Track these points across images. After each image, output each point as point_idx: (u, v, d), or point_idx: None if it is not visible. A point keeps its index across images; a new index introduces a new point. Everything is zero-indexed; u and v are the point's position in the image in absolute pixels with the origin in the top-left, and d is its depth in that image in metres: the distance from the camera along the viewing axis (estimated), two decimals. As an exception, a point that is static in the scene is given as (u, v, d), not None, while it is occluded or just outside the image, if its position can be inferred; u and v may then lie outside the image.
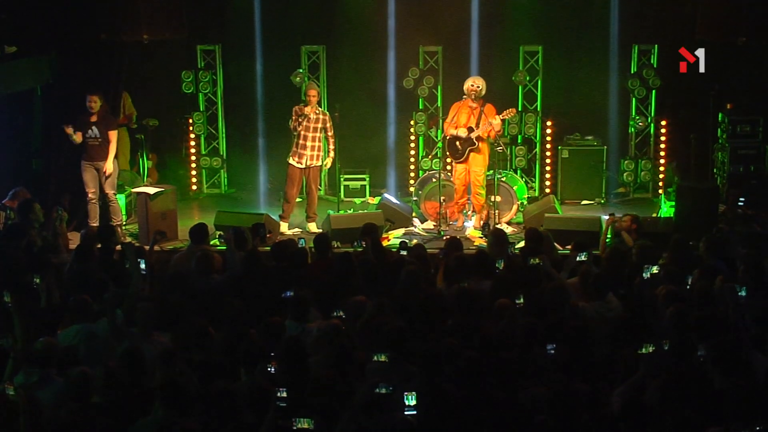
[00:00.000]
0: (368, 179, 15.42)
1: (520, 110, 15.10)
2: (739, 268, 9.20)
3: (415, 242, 11.16)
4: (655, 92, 15.05)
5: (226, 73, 15.85)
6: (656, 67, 14.91)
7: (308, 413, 6.33)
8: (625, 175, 15.25)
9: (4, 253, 10.09)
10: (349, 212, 13.83)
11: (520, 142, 15.30)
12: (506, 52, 15.28)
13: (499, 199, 13.29)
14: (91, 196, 12.97)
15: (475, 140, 12.96)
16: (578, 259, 9.37)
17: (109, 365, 7.26)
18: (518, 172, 15.10)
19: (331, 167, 14.03)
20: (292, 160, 13.41)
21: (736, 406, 6.51)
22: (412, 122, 15.43)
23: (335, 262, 9.91)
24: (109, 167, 12.85)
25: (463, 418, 6.61)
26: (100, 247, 10.50)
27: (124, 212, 13.57)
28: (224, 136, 16.07)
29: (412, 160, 15.69)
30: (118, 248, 10.68)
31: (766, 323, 8.14)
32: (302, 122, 13.12)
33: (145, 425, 6.64)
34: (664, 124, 15.22)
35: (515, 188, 13.71)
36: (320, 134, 13.26)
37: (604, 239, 11.39)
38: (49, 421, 6.75)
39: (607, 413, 6.72)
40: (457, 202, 13.45)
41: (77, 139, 12.71)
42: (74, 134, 12.68)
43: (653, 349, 7.03)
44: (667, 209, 13.61)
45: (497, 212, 13.22)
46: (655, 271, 8.84)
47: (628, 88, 15.04)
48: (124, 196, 13.75)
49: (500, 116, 12.96)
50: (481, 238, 12.86)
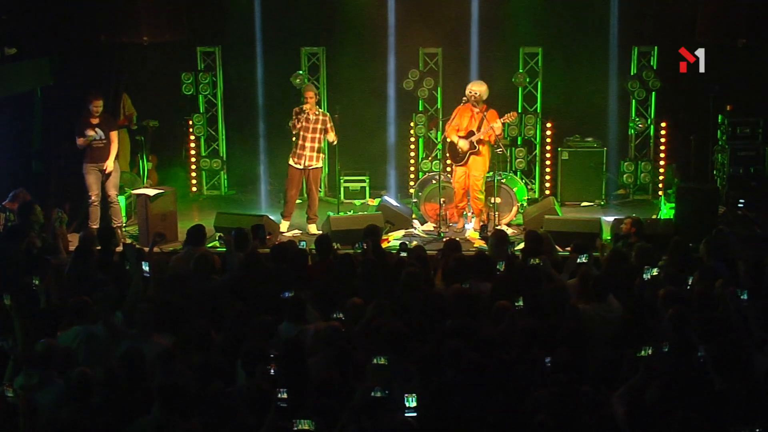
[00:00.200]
0: (368, 181, 15.41)
1: (519, 112, 15.08)
2: (740, 269, 9.18)
3: (414, 244, 11.12)
4: (654, 94, 15.05)
5: (226, 74, 15.84)
6: (656, 68, 14.90)
7: (309, 414, 6.29)
8: (625, 176, 15.24)
9: (4, 254, 10.07)
10: (349, 214, 13.82)
11: (520, 143, 15.30)
12: (506, 53, 15.27)
13: (499, 200, 13.28)
14: (93, 198, 12.98)
15: (476, 144, 12.97)
16: (578, 260, 9.34)
17: (109, 366, 7.21)
18: (518, 173, 15.08)
19: (331, 169, 13.91)
20: (291, 160, 13.40)
21: (736, 407, 6.48)
22: (412, 124, 15.42)
23: (336, 263, 9.88)
24: (110, 165, 12.92)
25: (463, 419, 6.56)
26: (99, 248, 10.41)
27: (123, 214, 13.56)
28: (224, 137, 16.06)
29: (412, 161, 15.67)
30: (118, 250, 10.65)
31: (767, 325, 8.08)
32: (301, 120, 13.10)
33: (142, 425, 6.63)
34: (663, 125, 15.20)
35: (515, 190, 13.70)
36: (320, 135, 13.22)
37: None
38: (47, 422, 6.71)
39: (607, 415, 6.65)
40: (456, 205, 13.44)
41: (90, 136, 12.74)
42: (90, 134, 12.75)
43: (652, 351, 6.95)
44: (666, 211, 13.60)
45: (497, 214, 13.21)
46: (655, 273, 8.80)
47: (627, 89, 15.03)
48: (124, 197, 13.73)
49: (501, 120, 12.95)
50: (480, 239, 12.85)
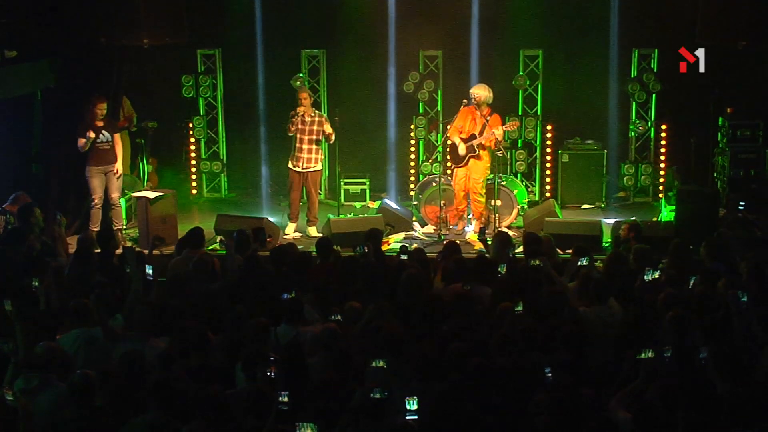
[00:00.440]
0: (368, 183, 15.38)
1: (520, 114, 15.11)
2: (742, 272, 9.17)
3: (415, 246, 11.12)
4: (655, 96, 15.04)
5: (226, 77, 15.84)
6: (656, 71, 14.90)
7: (310, 418, 6.26)
8: (625, 179, 15.23)
9: (4, 257, 10.06)
10: (349, 216, 13.83)
11: (520, 146, 15.30)
12: (506, 56, 15.28)
13: (499, 203, 13.26)
14: (96, 201, 12.98)
15: (476, 147, 12.98)
16: (579, 263, 9.31)
17: (108, 369, 7.21)
18: (518, 176, 15.07)
19: (331, 171, 13.85)
20: (290, 163, 13.42)
21: (737, 409, 6.45)
22: (412, 126, 15.41)
23: (337, 266, 9.86)
24: (120, 168, 13.02)
25: (465, 422, 6.52)
26: (99, 251, 10.43)
27: (124, 216, 13.54)
28: (224, 140, 16.06)
29: (412, 164, 15.65)
30: (118, 252, 10.61)
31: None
32: (296, 122, 13.09)
33: (136, 425, 6.58)
34: (664, 128, 15.20)
35: (515, 192, 13.68)
36: (316, 136, 13.20)
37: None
38: (46, 426, 6.70)
39: (608, 418, 6.63)
40: (456, 207, 13.43)
41: (90, 138, 12.75)
42: (90, 136, 12.75)
43: (652, 354, 6.93)
44: (667, 213, 13.58)
45: (497, 216, 13.19)
46: (657, 275, 8.81)
47: (628, 92, 15.03)
48: (124, 200, 13.70)
49: (503, 127, 12.97)
50: (478, 242, 12.80)
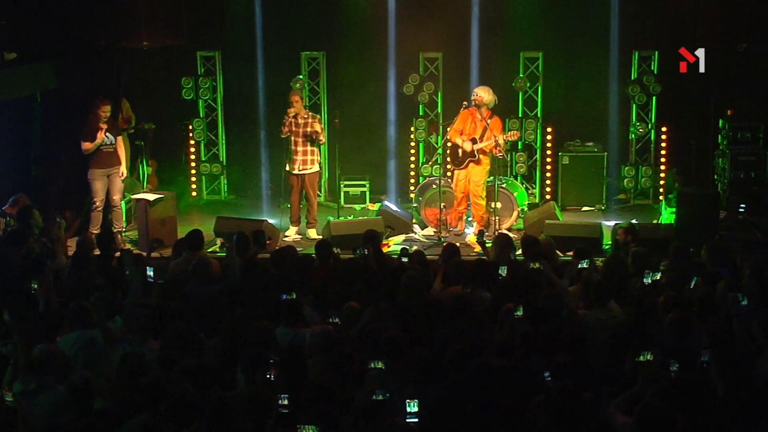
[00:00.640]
0: (368, 185, 15.36)
1: (520, 116, 15.11)
2: (744, 274, 9.12)
3: (415, 249, 11.09)
4: (655, 98, 15.01)
5: (226, 79, 15.83)
6: (656, 73, 14.88)
7: (311, 420, 6.22)
8: (625, 181, 15.20)
9: (3, 259, 10.03)
10: (349, 218, 13.79)
11: (520, 148, 15.26)
12: (506, 58, 15.24)
13: (499, 205, 13.24)
14: (98, 204, 12.94)
15: (476, 153, 12.96)
16: (579, 266, 9.27)
17: (108, 371, 7.19)
18: (518, 178, 15.04)
19: (331, 173, 13.76)
20: (287, 167, 13.43)
21: (738, 412, 6.41)
22: (412, 128, 15.38)
23: (337, 268, 9.84)
24: (125, 171, 13.03)
25: (465, 425, 6.50)
26: (98, 253, 10.45)
27: (123, 219, 13.49)
28: (224, 142, 16.05)
29: (412, 166, 15.63)
30: (117, 255, 10.57)
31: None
32: (287, 125, 13.07)
33: (130, 428, 6.53)
34: (664, 130, 15.17)
35: (515, 195, 13.66)
36: (311, 138, 13.18)
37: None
38: (44, 429, 6.67)
39: (607, 421, 6.61)
40: (456, 209, 13.41)
41: (100, 140, 12.73)
42: (101, 139, 12.74)
43: (651, 357, 6.89)
44: (667, 216, 13.55)
45: (498, 219, 13.17)
46: (658, 277, 8.81)
47: (628, 94, 15.01)
48: (123, 202, 13.60)
49: (504, 137, 12.96)
50: (477, 244, 12.77)
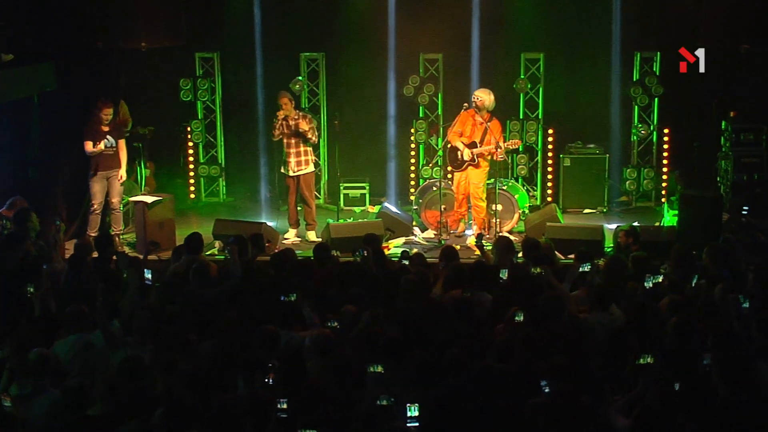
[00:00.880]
0: (368, 188, 15.31)
1: (521, 118, 15.09)
2: (748, 277, 9.12)
3: (415, 251, 11.06)
4: (657, 100, 14.98)
5: (224, 80, 15.82)
6: (659, 74, 14.85)
7: (312, 425, 6.24)
8: (627, 183, 15.17)
9: (0, 262, 9.98)
10: (348, 221, 13.78)
11: (521, 150, 15.15)
12: (507, 59, 15.22)
13: (500, 207, 13.20)
14: (96, 206, 12.96)
15: (476, 157, 12.95)
16: (581, 269, 9.19)
17: (107, 375, 7.12)
18: (520, 180, 14.99)
19: (330, 176, 13.73)
20: (283, 169, 13.40)
21: (740, 416, 6.40)
22: (412, 130, 15.35)
23: (336, 271, 9.80)
24: (124, 174, 13.02)
25: (464, 428, 6.51)
26: (96, 256, 10.40)
27: (121, 221, 13.46)
28: (223, 144, 16.03)
29: (412, 168, 15.60)
30: (114, 258, 10.57)
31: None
32: (278, 127, 13.04)
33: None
34: (666, 132, 15.15)
35: (517, 197, 13.62)
36: (303, 138, 13.14)
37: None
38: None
39: (607, 424, 6.61)
40: (456, 211, 13.38)
41: (98, 149, 12.78)
42: (96, 146, 12.78)
43: (652, 360, 6.88)
44: (669, 218, 13.54)
45: (498, 221, 13.13)
46: (659, 280, 8.77)
47: (630, 95, 14.99)
48: (121, 205, 13.58)
49: (505, 144, 12.95)
50: (476, 247, 12.69)
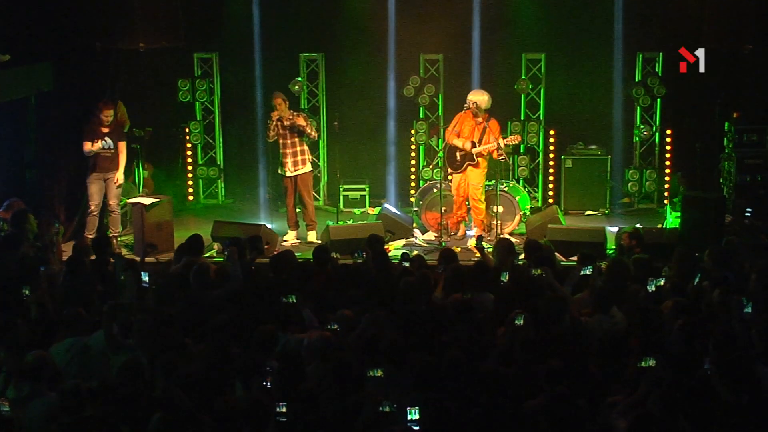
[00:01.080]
0: (368, 189, 15.31)
1: (522, 119, 15.07)
2: (752, 280, 9.06)
3: (415, 254, 11.03)
4: (660, 101, 14.97)
5: (223, 81, 15.80)
6: (661, 75, 14.84)
7: (311, 429, 6.23)
8: (629, 185, 15.14)
9: (-2, 264, 10.00)
10: (348, 223, 13.74)
11: (522, 151, 15.20)
12: (508, 59, 15.23)
13: (501, 209, 13.20)
14: (93, 208, 12.93)
15: (474, 156, 12.90)
16: (582, 273, 9.19)
17: (105, 378, 7.13)
18: (521, 182, 14.96)
19: (330, 177, 13.68)
20: (280, 170, 13.37)
21: (743, 420, 6.37)
22: (412, 131, 15.34)
23: (336, 274, 9.81)
24: (120, 177, 12.96)
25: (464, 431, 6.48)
26: (93, 258, 10.39)
27: (119, 223, 13.44)
28: (221, 145, 16.02)
29: (412, 169, 15.58)
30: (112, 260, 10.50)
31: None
32: (273, 128, 13.03)
33: None
34: (669, 133, 15.13)
35: (518, 198, 13.59)
36: (298, 137, 13.10)
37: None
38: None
39: (608, 427, 6.60)
40: (456, 213, 13.36)
41: (96, 149, 12.74)
42: (93, 146, 12.73)
43: (653, 363, 6.89)
44: (672, 220, 13.52)
45: (499, 223, 13.11)
46: (662, 283, 8.76)
47: (632, 96, 14.97)
48: (119, 206, 13.52)
49: (505, 141, 12.94)
50: (476, 249, 12.63)
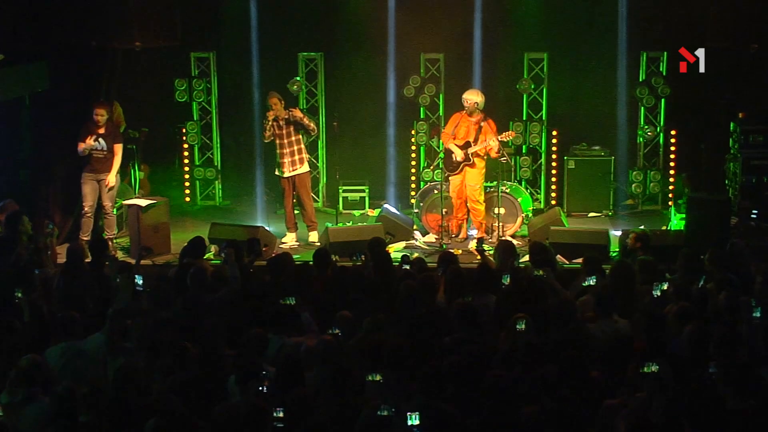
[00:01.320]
0: (368, 191, 15.29)
1: (524, 119, 15.05)
2: (757, 282, 8.99)
3: (416, 256, 11.01)
4: (664, 101, 14.89)
5: (220, 81, 15.78)
6: (665, 74, 14.78)
7: None
8: (633, 186, 15.08)
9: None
10: (348, 225, 13.71)
11: (524, 152, 15.16)
12: (510, 59, 15.19)
13: (503, 211, 13.17)
14: (87, 209, 12.85)
15: (470, 156, 12.89)
16: (585, 284, 9.15)
17: (100, 383, 7.13)
18: (523, 183, 14.92)
19: (329, 178, 13.65)
20: (277, 171, 13.34)
21: (748, 427, 6.36)
22: (413, 132, 15.27)
23: (335, 277, 9.78)
24: (111, 180, 12.86)
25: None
26: (90, 261, 10.32)
27: (115, 225, 13.35)
28: (219, 146, 16.00)
29: (413, 171, 15.54)
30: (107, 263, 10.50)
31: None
32: (269, 128, 12.99)
33: None
34: (673, 133, 15.06)
35: (520, 200, 13.55)
36: (295, 137, 13.09)
37: None
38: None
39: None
40: (455, 216, 13.33)
41: (88, 146, 12.66)
42: (88, 143, 12.67)
43: (656, 368, 6.77)
44: (677, 222, 13.47)
45: (501, 225, 13.10)
46: (665, 287, 8.70)
47: (636, 96, 14.90)
48: (115, 208, 13.49)
49: (500, 137, 12.90)
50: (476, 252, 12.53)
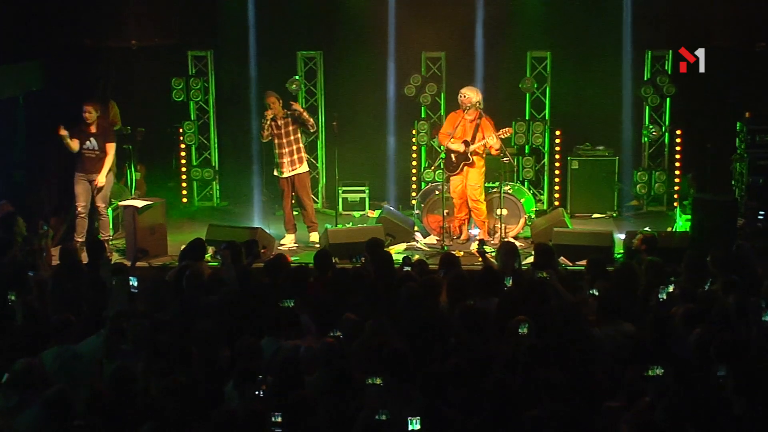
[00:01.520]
0: (368, 191, 15.21)
1: (527, 119, 14.99)
2: (764, 284, 8.88)
3: (417, 258, 10.96)
4: (669, 100, 14.84)
5: (218, 80, 15.69)
6: (671, 73, 14.69)
7: None
8: (638, 187, 15.02)
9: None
10: (347, 226, 13.68)
11: (527, 152, 15.10)
12: (513, 57, 15.11)
13: (505, 212, 13.13)
14: (80, 210, 12.79)
15: (469, 155, 12.83)
16: (590, 293, 9.03)
17: (95, 386, 7.01)
18: (526, 183, 14.87)
19: (329, 179, 13.63)
20: (276, 171, 13.30)
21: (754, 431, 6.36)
22: (413, 131, 15.20)
23: (336, 279, 9.67)
24: (101, 180, 12.74)
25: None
26: (86, 263, 10.30)
27: (110, 226, 13.32)
28: (216, 146, 15.91)
29: (413, 171, 15.46)
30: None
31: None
32: (267, 128, 12.94)
33: None
34: (679, 133, 14.97)
35: (522, 201, 13.49)
36: (294, 137, 13.04)
37: None
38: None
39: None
40: (456, 216, 13.27)
41: (73, 146, 12.53)
42: (70, 140, 12.49)
43: (661, 372, 6.78)
44: (682, 223, 13.42)
45: (504, 226, 13.05)
46: (671, 290, 8.67)
47: (641, 95, 14.84)
48: (110, 209, 13.46)
49: (497, 135, 12.83)
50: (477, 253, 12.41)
